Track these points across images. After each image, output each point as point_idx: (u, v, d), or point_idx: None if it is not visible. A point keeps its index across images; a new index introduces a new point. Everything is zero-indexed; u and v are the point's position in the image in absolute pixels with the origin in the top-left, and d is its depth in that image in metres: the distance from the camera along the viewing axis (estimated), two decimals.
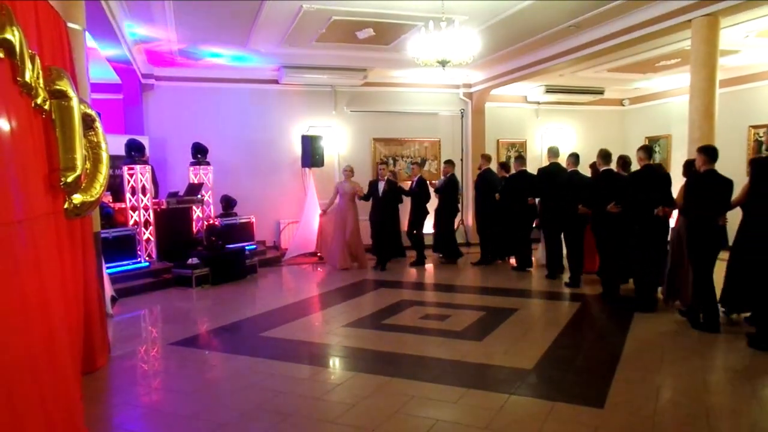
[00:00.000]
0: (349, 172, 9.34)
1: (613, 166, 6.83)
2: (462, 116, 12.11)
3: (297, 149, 10.62)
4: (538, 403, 3.68)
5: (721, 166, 5.39)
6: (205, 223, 9.36)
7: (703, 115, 6.39)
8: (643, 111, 13.11)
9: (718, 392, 3.89)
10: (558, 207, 7.67)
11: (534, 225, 8.74)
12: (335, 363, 4.72)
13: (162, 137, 10.15)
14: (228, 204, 9.84)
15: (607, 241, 6.59)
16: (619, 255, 6.54)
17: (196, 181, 9.43)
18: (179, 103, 10.36)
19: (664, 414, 3.48)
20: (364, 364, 4.56)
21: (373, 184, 9.44)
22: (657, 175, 6.25)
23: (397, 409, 3.58)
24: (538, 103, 12.73)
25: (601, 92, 12.29)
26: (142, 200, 8.07)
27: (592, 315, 6.14)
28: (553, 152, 8.13)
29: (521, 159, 9.20)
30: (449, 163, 9.96)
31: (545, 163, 8.79)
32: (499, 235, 9.24)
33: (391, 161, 11.69)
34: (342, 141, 11.42)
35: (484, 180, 9.38)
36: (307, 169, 10.48)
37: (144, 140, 8.71)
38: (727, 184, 5.24)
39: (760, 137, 10.13)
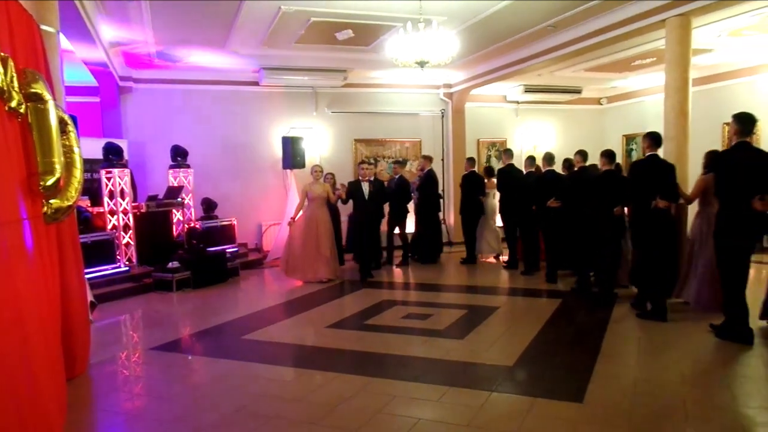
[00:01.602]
0: (318, 172, 8.41)
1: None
2: (442, 116, 12.17)
3: (278, 151, 10.57)
4: (519, 400, 3.73)
5: (696, 162, 5.73)
6: (186, 226, 9.28)
7: (677, 113, 6.52)
8: (620, 109, 13.30)
9: (693, 383, 3.97)
10: (515, 205, 8.50)
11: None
12: (318, 364, 4.70)
13: (140, 140, 10.04)
14: (209, 207, 9.78)
15: (549, 232, 7.76)
16: (559, 245, 7.56)
17: (175, 184, 9.34)
18: (158, 105, 10.27)
19: (641, 407, 3.54)
20: (346, 365, 4.57)
21: (354, 185, 8.66)
22: (592, 176, 6.80)
23: (380, 408, 3.60)
24: (518, 102, 12.83)
25: (579, 91, 12.47)
26: (120, 204, 7.98)
27: (571, 311, 6.22)
28: (509, 154, 8.96)
29: (471, 160, 9.96)
30: (399, 163, 10.40)
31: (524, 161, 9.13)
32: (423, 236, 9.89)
33: (373, 161, 11.69)
34: (323, 142, 11.40)
35: (430, 179, 9.75)
36: (288, 170, 10.46)
37: (122, 143, 8.60)
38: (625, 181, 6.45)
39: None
